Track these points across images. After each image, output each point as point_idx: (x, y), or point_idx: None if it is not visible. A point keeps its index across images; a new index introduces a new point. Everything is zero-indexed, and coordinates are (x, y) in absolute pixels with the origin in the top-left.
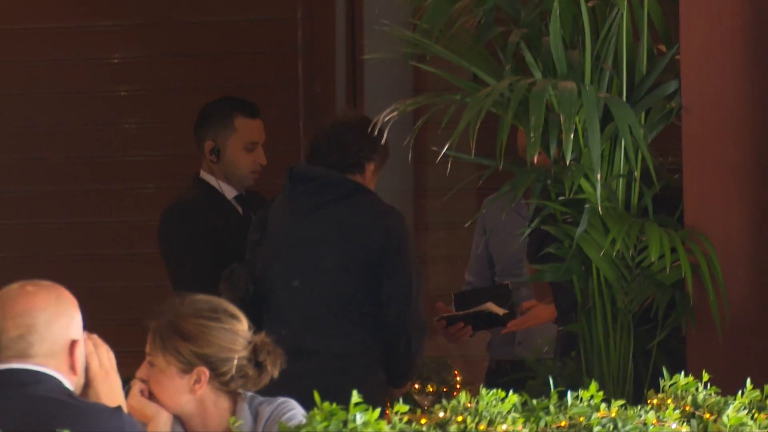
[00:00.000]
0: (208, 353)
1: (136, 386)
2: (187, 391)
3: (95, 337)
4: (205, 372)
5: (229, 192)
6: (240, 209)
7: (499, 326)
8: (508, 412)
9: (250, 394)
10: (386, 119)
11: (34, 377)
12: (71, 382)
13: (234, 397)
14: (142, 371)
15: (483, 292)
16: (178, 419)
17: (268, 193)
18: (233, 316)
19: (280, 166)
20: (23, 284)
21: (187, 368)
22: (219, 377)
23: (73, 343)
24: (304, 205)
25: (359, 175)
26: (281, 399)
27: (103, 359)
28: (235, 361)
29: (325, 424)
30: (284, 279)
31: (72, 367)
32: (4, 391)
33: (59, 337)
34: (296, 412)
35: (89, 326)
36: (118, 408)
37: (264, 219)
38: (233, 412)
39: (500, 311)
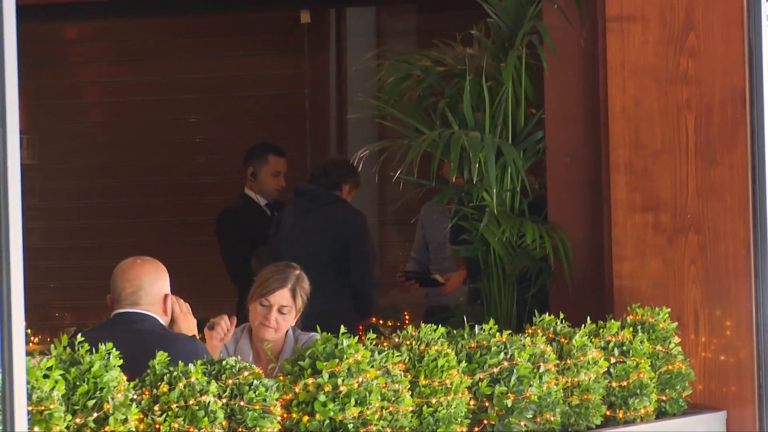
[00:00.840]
0: (306, 300)
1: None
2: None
3: (176, 297)
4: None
5: (262, 201)
6: (268, 212)
7: (434, 287)
8: (438, 338)
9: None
10: (361, 155)
11: (141, 318)
12: (163, 321)
13: None
14: (271, 317)
15: (421, 276)
16: (248, 336)
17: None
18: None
19: (294, 185)
20: (134, 258)
21: (300, 310)
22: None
23: (165, 296)
24: (302, 208)
25: (338, 191)
26: (313, 333)
27: (182, 306)
28: None
29: (323, 345)
30: (291, 254)
31: (164, 311)
32: (122, 326)
33: (158, 292)
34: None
35: (179, 285)
36: (193, 336)
37: (279, 218)
38: (284, 336)
39: (441, 280)
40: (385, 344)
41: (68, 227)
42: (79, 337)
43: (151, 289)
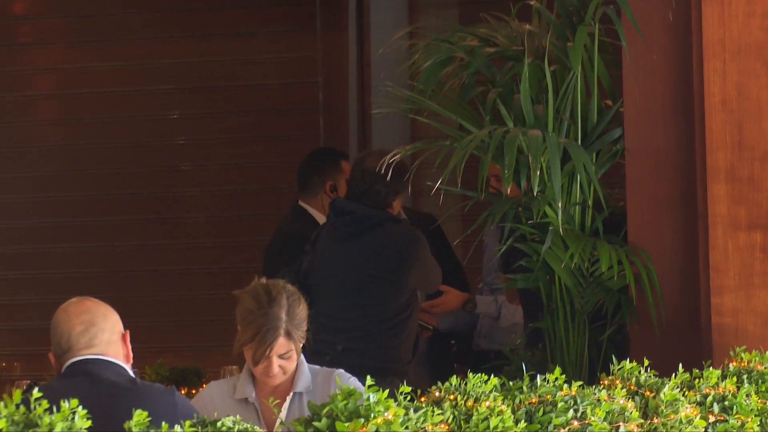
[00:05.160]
0: (305, 327)
1: None
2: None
3: None
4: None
5: (321, 219)
6: None
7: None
8: (490, 391)
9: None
10: (391, 161)
11: (103, 365)
12: (128, 367)
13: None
14: (273, 369)
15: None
16: (251, 380)
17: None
18: (301, 297)
19: None
20: (76, 298)
21: (301, 342)
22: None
23: (124, 334)
24: (343, 233)
25: (389, 209)
26: (339, 370)
27: None
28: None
29: (345, 402)
30: (327, 287)
31: (126, 356)
32: (80, 378)
33: (114, 328)
34: (352, 380)
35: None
36: (172, 387)
37: (316, 237)
38: (295, 370)
39: (427, 324)
40: (423, 400)
41: (15, 253)
42: (36, 393)
43: (106, 324)
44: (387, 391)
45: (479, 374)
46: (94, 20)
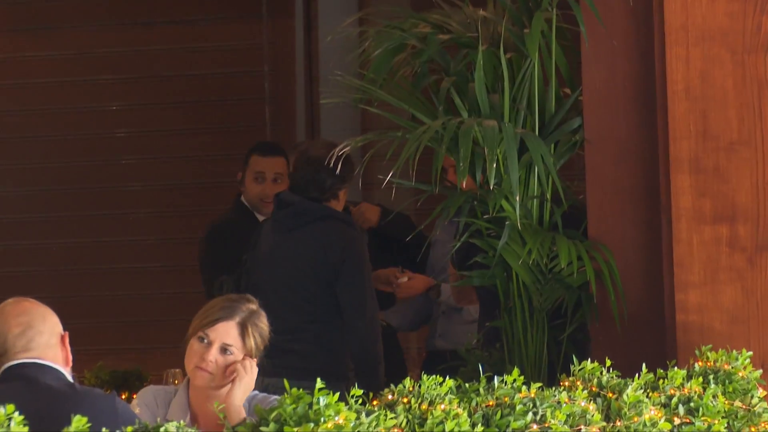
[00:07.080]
0: (261, 345)
1: None
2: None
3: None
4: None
5: (260, 216)
6: None
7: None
8: (446, 394)
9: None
10: (340, 153)
11: (40, 370)
12: (66, 372)
13: None
14: (209, 356)
15: None
16: (186, 393)
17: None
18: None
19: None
20: (13, 299)
21: (252, 357)
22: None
23: (63, 336)
24: (285, 226)
25: (334, 201)
26: (274, 396)
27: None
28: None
29: (293, 405)
30: (268, 284)
31: (65, 359)
32: (17, 383)
33: (53, 330)
34: (275, 399)
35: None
36: (113, 392)
37: (256, 237)
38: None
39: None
40: (375, 403)
41: None
42: None
43: (44, 327)
44: (338, 394)
45: (434, 376)
46: (32, 8)
